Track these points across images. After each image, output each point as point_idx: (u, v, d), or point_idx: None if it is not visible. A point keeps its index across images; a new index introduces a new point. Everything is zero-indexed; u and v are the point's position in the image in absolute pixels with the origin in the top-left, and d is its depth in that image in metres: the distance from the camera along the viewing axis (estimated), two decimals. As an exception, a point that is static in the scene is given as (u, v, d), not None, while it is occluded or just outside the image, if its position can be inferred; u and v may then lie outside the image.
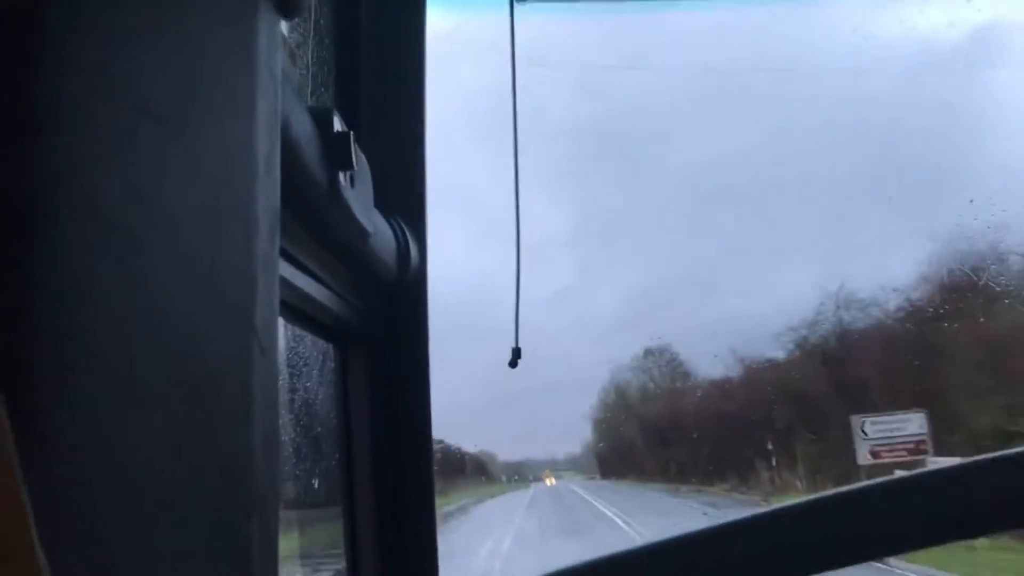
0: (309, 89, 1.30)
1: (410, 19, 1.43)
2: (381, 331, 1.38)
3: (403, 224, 1.31)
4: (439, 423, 1.42)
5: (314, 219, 0.96)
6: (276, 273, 0.57)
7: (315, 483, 1.48)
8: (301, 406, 1.41)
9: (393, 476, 1.37)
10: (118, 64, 0.42)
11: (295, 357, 1.37)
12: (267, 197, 0.55)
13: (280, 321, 0.78)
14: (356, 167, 0.98)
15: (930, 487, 0.82)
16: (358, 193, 1.03)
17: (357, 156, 0.98)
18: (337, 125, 0.93)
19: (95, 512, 0.38)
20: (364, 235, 1.08)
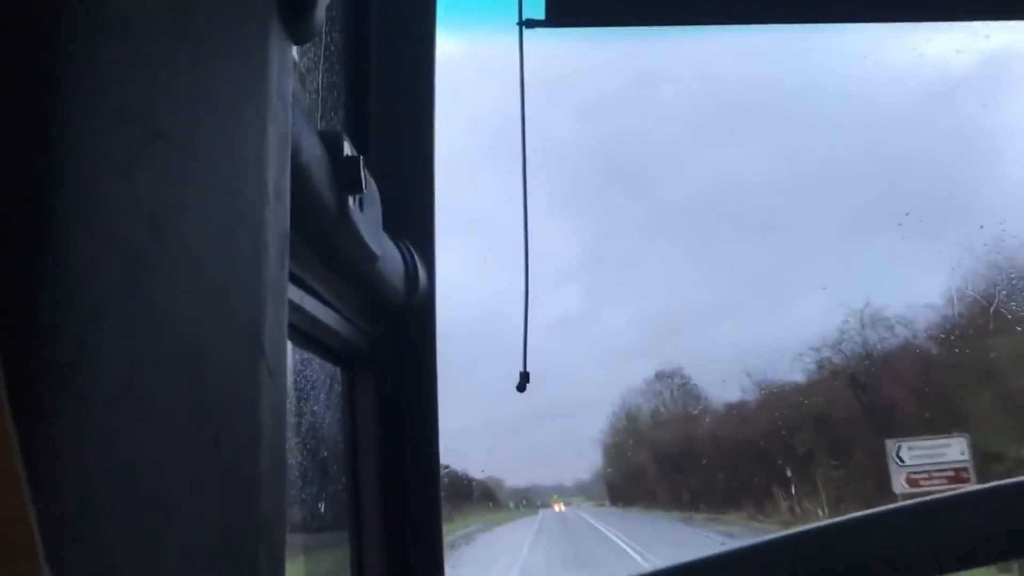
0: (319, 113, 1.31)
1: (420, 44, 1.44)
2: (389, 354, 1.38)
3: (412, 248, 1.31)
4: (446, 448, 1.41)
5: (323, 243, 0.96)
6: (285, 296, 0.57)
7: (322, 507, 1.47)
8: (308, 429, 1.40)
9: (400, 500, 1.37)
10: (132, 89, 0.43)
11: (303, 380, 1.37)
12: (277, 221, 0.55)
13: (288, 344, 0.78)
14: (365, 191, 0.99)
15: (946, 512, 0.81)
16: (367, 217, 1.03)
17: (366, 180, 0.99)
18: (347, 149, 0.94)
19: (101, 535, 0.38)
20: (373, 258, 1.09)
